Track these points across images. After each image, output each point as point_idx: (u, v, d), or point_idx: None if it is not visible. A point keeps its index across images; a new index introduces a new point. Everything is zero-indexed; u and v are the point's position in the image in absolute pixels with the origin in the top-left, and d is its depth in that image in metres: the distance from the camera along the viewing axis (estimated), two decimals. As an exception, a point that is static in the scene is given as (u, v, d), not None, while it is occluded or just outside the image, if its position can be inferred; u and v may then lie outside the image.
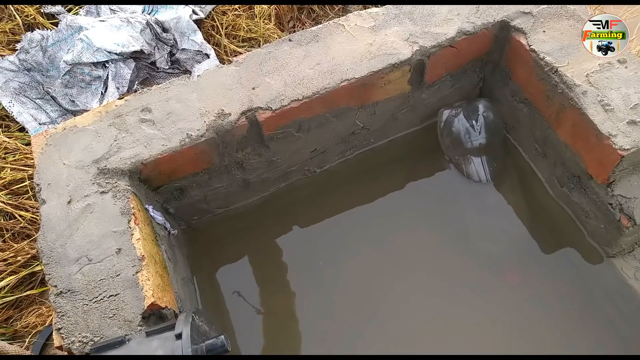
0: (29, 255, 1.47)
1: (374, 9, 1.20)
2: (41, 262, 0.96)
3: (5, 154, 1.63)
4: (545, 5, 1.16)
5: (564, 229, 1.23)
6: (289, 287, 1.25)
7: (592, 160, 1.06)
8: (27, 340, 1.36)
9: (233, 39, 1.78)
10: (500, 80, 1.28)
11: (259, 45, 1.74)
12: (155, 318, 0.91)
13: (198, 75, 1.15)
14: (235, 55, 1.76)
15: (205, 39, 1.76)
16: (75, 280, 0.92)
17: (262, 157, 1.22)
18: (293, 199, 1.35)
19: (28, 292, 1.44)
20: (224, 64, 1.71)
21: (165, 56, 1.73)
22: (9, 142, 1.64)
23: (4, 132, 1.69)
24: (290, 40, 1.18)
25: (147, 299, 0.89)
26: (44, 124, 1.69)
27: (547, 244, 1.24)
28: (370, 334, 1.16)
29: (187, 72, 1.72)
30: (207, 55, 1.71)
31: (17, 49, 1.76)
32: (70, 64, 1.66)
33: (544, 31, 1.14)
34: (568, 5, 1.16)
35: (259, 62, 1.15)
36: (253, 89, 1.12)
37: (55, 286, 0.93)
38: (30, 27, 1.82)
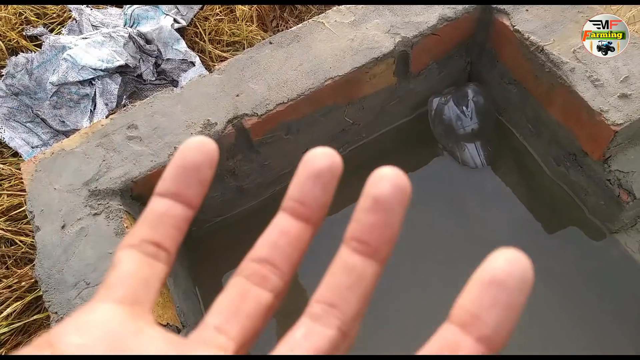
0: (33, 280, 1.47)
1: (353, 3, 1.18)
2: (40, 290, 0.96)
3: (0, 180, 1.63)
4: (526, -17, 1.14)
5: (564, 208, 1.21)
6: (295, 286, 1.24)
7: (586, 137, 1.05)
8: (38, 365, 1.36)
9: (217, 44, 1.76)
10: (488, 63, 1.26)
11: (244, 48, 1.73)
12: (158, 336, 0.91)
13: (181, 87, 1.14)
14: (221, 61, 1.75)
15: (189, 46, 1.75)
16: (75, 306, 0.92)
17: (253, 163, 1.21)
18: (290, 201, 1.34)
19: (35, 317, 1.44)
20: (210, 70, 1.70)
21: (151, 68, 1.72)
22: (3, 169, 1.64)
23: (-2, 158, 1.69)
24: (270, 42, 1.16)
25: (147, 318, 0.88)
26: (37, 146, 1.68)
27: (549, 224, 1.22)
28: (374, 329, 1.15)
29: (174, 81, 1.71)
30: (193, 63, 1.69)
31: (3, 75, 1.75)
32: (56, 85, 1.65)
33: (527, 10, 1.12)
34: (549, -19, 1.14)
35: (241, 68, 1.14)
36: (237, 95, 1.10)
37: (56, 313, 0.92)
38: (14, 51, 1.82)
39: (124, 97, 1.70)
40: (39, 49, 1.79)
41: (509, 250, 0.21)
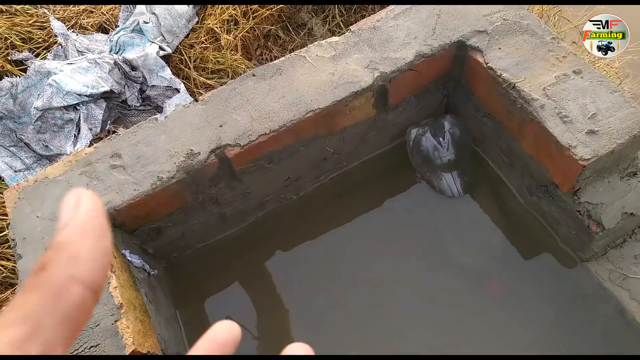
0: (12, 306, 1.46)
1: (334, 39, 1.23)
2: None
3: (-19, 204, 1.62)
4: (499, 23, 1.19)
5: (537, 237, 1.25)
6: (278, 311, 1.26)
7: (556, 170, 1.09)
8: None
9: (202, 71, 1.80)
10: (464, 97, 1.30)
11: (228, 76, 1.76)
12: (138, 365, 0.92)
13: (165, 117, 1.16)
14: (206, 88, 1.78)
15: (174, 73, 1.78)
16: (55, 335, 0.92)
17: (236, 191, 1.23)
18: (273, 227, 1.36)
19: (13, 343, 1.42)
20: (194, 97, 1.73)
21: (136, 94, 1.74)
22: (-16, 193, 1.63)
23: (-21, 182, 1.68)
24: (254, 75, 1.19)
25: (127, 347, 0.89)
26: (20, 171, 1.69)
27: (523, 252, 1.26)
28: (356, 352, 1.17)
29: (159, 107, 1.73)
30: (177, 90, 1.72)
31: (-13, 98, 1.76)
32: (41, 110, 1.66)
33: (500, 48, 1.17)
34: (521, 21, 1.20)
35: (225, 99, 1.17)
36: (220, 126, 1.13)
37: (36, 342, 0.93)
38: (-2, 76, 1.83)
39: (109, 122, 1.72)
40: (24, 74, 1.80)
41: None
